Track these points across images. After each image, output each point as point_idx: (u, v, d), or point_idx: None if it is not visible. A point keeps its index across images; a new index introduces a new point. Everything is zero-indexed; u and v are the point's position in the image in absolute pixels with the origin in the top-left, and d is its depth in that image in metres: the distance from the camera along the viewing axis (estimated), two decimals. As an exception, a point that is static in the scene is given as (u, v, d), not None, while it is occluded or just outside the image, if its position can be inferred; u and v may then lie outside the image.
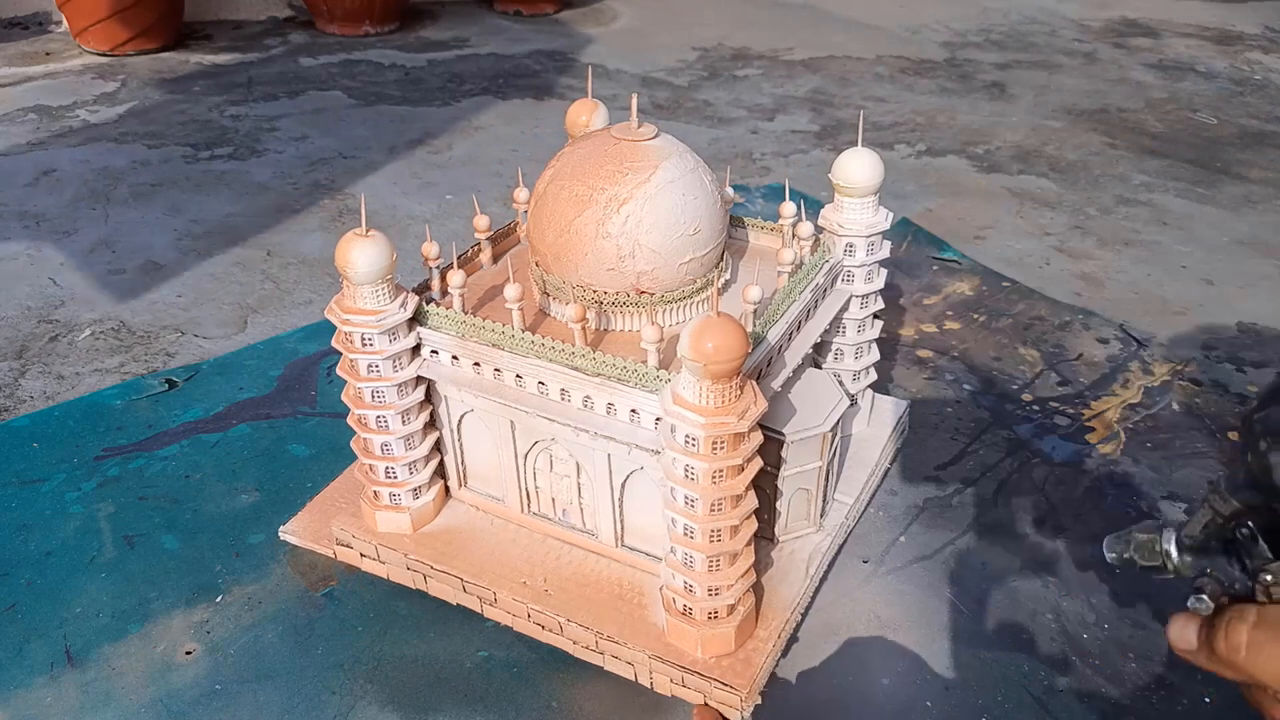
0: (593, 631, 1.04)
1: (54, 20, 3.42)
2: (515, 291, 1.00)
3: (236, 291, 1.84)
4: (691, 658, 1.01)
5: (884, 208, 1.18)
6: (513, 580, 1.09)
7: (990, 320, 1.76)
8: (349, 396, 1.09)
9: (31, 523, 1.27)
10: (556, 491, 1.11)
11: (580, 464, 1.07)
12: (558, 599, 1.07)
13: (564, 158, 1.06)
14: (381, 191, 2.27)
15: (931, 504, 1.32)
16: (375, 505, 1.14)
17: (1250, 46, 3.55)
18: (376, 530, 1.15)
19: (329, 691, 1.04)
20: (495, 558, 1.12)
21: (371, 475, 1.13)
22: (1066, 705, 1.04)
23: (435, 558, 1.12)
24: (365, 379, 1.05)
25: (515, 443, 1.09)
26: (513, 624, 1.09)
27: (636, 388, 0.94)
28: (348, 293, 1.02)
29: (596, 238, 1.00)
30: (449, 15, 3.80)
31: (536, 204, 1.06)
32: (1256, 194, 2.35)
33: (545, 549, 1.13)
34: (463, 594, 1.11)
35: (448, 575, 1.11)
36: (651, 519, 1.06)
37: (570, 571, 1.11)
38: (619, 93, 2.98)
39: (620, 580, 1.10)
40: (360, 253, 0.98)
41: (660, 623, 1.04)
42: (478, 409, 1.09)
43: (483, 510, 1.18)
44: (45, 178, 2.30)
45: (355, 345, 1.04)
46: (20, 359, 1.63)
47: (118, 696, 1.04)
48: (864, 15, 3.86)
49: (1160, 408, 1.53)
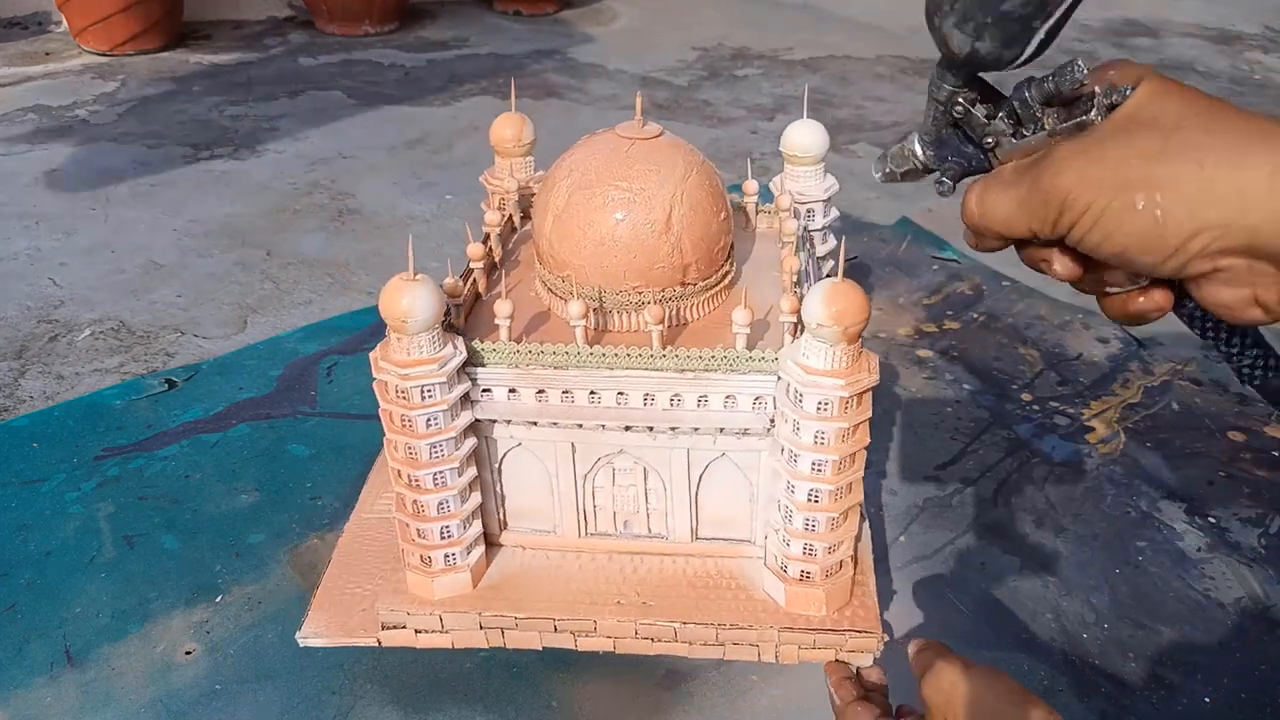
0: (714, 626, 1.02)
1: (54, 20, 3.42)
2: (579, 309, 0.96)
3: (236, 291, 1.84)
4: (817, 619, 1.02)
5: (830, 175, 1.32)
6: (606, 603, 1.04)
7: (990, 320, 1.76)
8: (402, 459, 0.98)
9: (31, 523, 1.27)
10: (619, 505, 1.09)
11: (649, 468, 1.05)
12: (662, 607, 1.04)
13: (575, 164, 1.03)
14: (381, 191, 2.27)
15: (931, 504, 1.32)
16: (429, 572, 1.05)
17: (1250, 46, 3.55)
18: (433, 599, 1.05)
19: (329, 691, 1.04)
20: (572, 588, 1.07)
21: (422, 540, 1.04)
22: (1066, 705, 1.04)
23: (512, 607, 1.04)
24: (425, 435, 0.95)
25: (575, 465, 1.05)
26: (615, 647, 1.05)
27: (737, 373, 0.96)
28: (399, 345, 0.93)
29: (649, 237, 0.99)
30: (449, 15, 3.80)
31: (560, 215, 1.02)
32: (1256, 194, 2.35)
33: (616, 566, 1.09)
34: (553, 635, 1.05)
35: (533, 620, 1.04)
36: (730, 505, 1.06)
37: (655, 579, 1.08)
38: (619, 93, 2.98)
39: (708, 571, 1.09)
40: (416, 299, 0.90)
41: (769, 597, 1.05)
42: (527, 441, 1.04)
43: (531, 548, 1.12)
44: (45, 178, 2.30)
45: (415, 400, 0.94)
46: (20, 359, 1.63)
47: (118, 696, 1.04)
48: (864, 15, 3.86)
49: (1160, 408, 1.53)
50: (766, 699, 1.05)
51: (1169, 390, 1.57)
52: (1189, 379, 1.60)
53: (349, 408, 1.49)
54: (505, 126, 1.26)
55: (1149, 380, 1.60)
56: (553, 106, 2.86)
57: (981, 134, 0.58)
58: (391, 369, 0.93)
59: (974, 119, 0.58)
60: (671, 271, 1.01)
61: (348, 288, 1.85)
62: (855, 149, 2.58)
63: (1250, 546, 1.26)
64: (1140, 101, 0.51)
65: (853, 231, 2.06)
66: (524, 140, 1.27)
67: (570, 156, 1.05)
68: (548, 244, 1.03)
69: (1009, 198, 0.55)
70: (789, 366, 0.92)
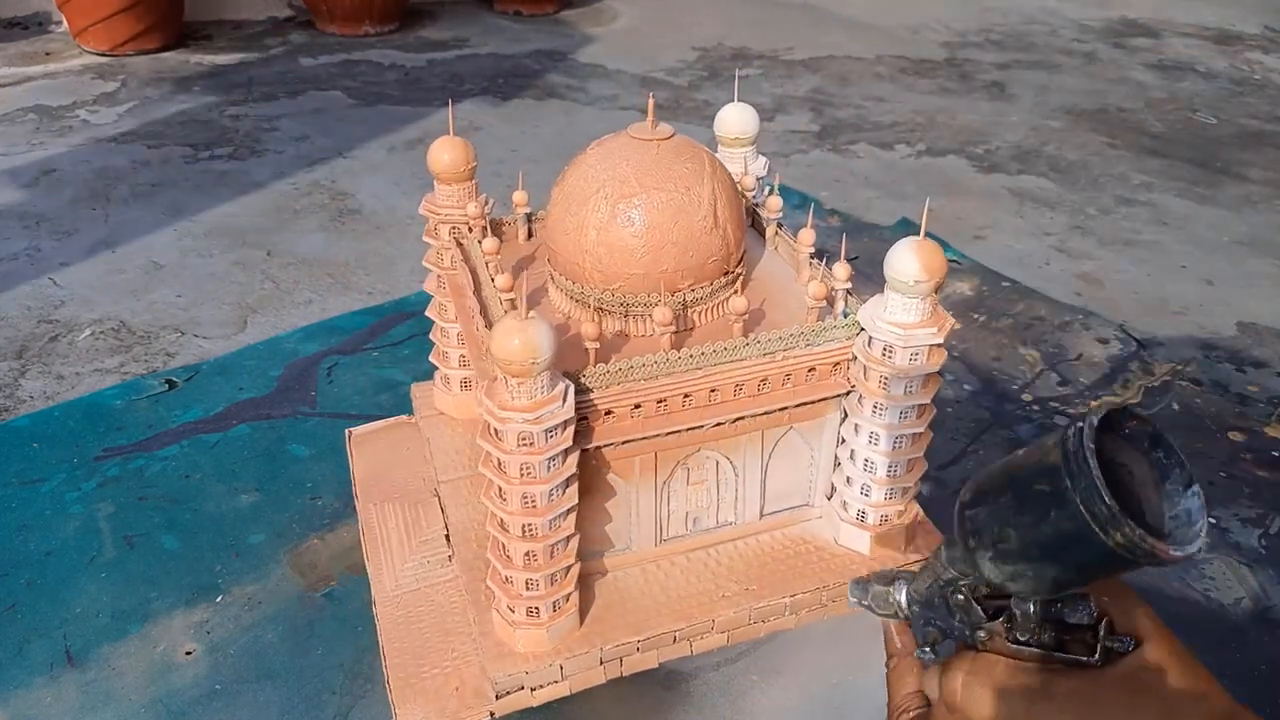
0: (818, 589, 1.05)
1: (54, 20, 3.42)
2: (665, 315, 0.95)
3: (236, 291, 1.84)
4: (897, 559, 1.08)
5: (761, 155, 1.28)
6: (714, 600, 1.04)
7: (990, 320, 1.76)
8: (517, 510, 0.92)
9: (31, 523, 1.27)
10: (691, 504, 1.09)
11: (721, 460, 1.06)
12: (764, 588, 1.06)
13: (602, 174, 1.00)
14: (381, 191, 2.27)
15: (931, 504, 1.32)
16: (538, 623, 0.99)
17: (1250, 46, 3.55)
18: (547, 648, 1.00)
19: (329, 691, 1.04)
20: (674, 596, 1.05)
21: (532, 591, 0.98)
22: (1066, 705, 1.04)
23: (632, 632, 1.01)
24: (547, 480, 0.90)
25: (656, 474, 1.04)
26: (731, 637, 1.05)
27: (818, 345, 1.00)
28: (519, 388, 0.87)
29: (702, 234, 1.00)
30: (449, 15, 3.80)
31: (604, 228, 0.99)
32: (1256, 194, 2.35)
33: (698, 563, 1.09)
34: (673, 646, 1.03)
35: (655, 638, 1.02)
36: (792, 475, 1.11)
37: (741, 564, 1.10)
38: (619, 93, 2.98)
39: (780, 543, 1.12)
40: (538, 338, 0.84)
41: (849, 549, 1.10)
42: (613, 461, 1.01)
43: (611, 570, 1.09)
44: (45, 178, 2.30)
45: (540, 444, 0.88)
46: (20, 359, 1.63)
47: (118, 696, 1.04)
48: (864, 15, 3.86)
49: (1160, 408, 1.53)
50: (766, 699, 1.05)
51: (1169, 390, 1.57)
52: (1189, 379, 1.60)
53: (349, 408, 1.49)
54: (445, 151, 1.16)
55: (1149, 380, 1.60)
56: (553, 107, 2.86)
57: (974, 621, 0.57)
58: (517, 416, 0.86)
59: (972, 611, 0.58)
60: (719, 264, 1.03)
61: (348, 288, 1.85)
62: (855, 149, 2.58)
63: (1250, 546, 1.26)
64: (1142, 663, 0.52)
65: (853, 232, 2.06)
66: (468, 164, 1.17)
67: (593, 167, 1.02)
68: (593, 260, 1.00)
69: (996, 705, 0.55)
70: (879, 325, 0.97)
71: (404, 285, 1.87)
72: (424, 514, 1.16)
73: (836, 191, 2.30)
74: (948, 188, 2.35)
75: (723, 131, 1.24)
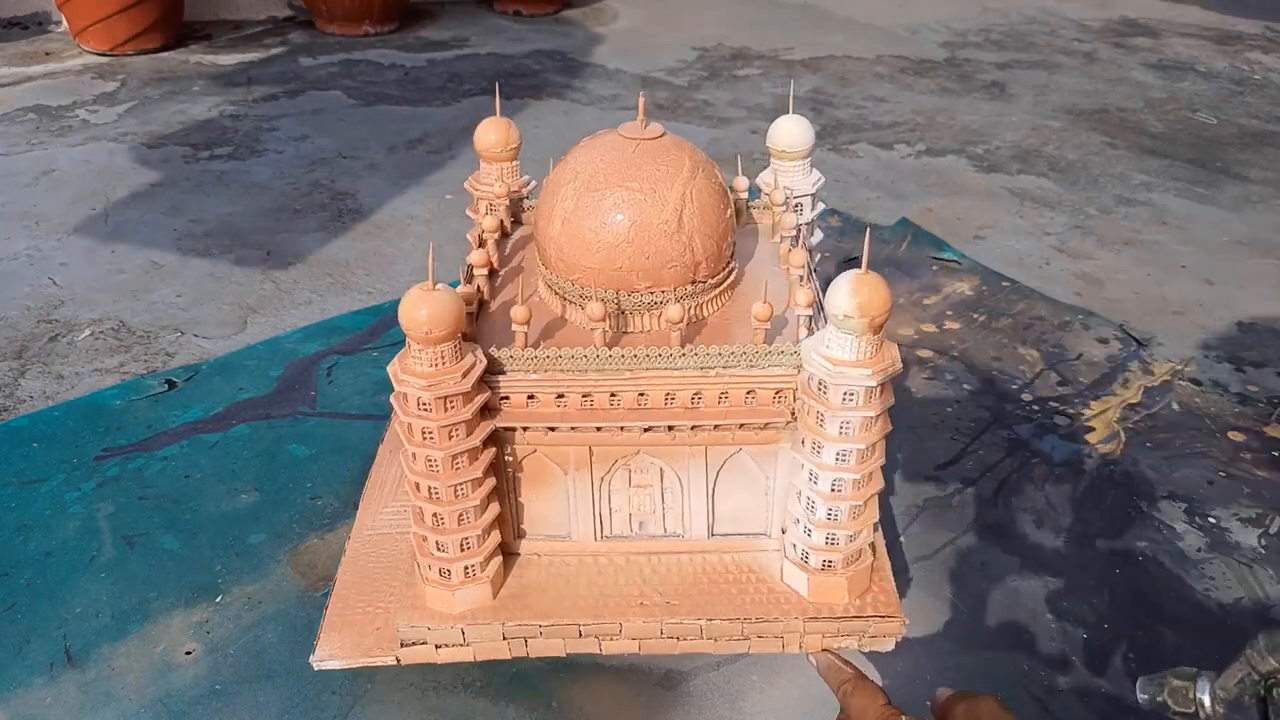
0: (740, 621, 1.02)
1: (54, 20, 3.42)
2: (599, 310, 0.96)
3: (236, 291, 1.84)
4: (840, 607, 1.03)
5: (816, 170, 1.30)
6: (629, 606, 1.04)
7: (990, 320, 1.76)
8: (422, 472, 0.97)
9: (31, 523, 1.27)
10: (635, 506, 1.08)
11: (666, 468, 1.05)
12: (685, 605, 1.04)
13: (580, 166, 1.03)
14: (381, 191, 2.27)
15: (931, 504, 1.32)
16: (448, 585, 1.03)
17: (1250, 46, 3.55)
18: (454, 612, 1.03)
19: (329, 691, 1.04)
20: (594, 592, 1.06)
21: (441, 553, 1.02)
22: (1066, 705, 1.04)
23: (536, 616, 1.03)
24: (447, 447, 0.94)
25: (592, 469, 1.05)
26: (640, 649, 1.04)
27: (759, 368, 0.96)
28: (420, 356, 0.91)
29: (661, 237, 1.00)
30: (449, 15, 3.80)
31: (568, 218, 1.01)
32: (1256, 194, 2.35)
33: (635, 567, 1.09)
34: (578, 640, 1.04)
35: (558, 627, 1.03)
36: (745, 499, 1.07)
37: (675, 578, 1.07)
38: (619, 93, 2.98)
39: (726, 566, 1.09)
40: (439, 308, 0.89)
41: (791, 588, 1.05)
42: (543, 448, 1.04)
43: (547, 554, 1.10)
44: (45, 178, 2.30)
45: (438, 412, 0.93)
46: (20, 359, 1.63)
47: (118, 696, 1.04)
48: (864, 15, 3.86)
49: (1160, 408, 1.53)
50: (766, 699, 1.05)
51: (1169, 390, 1.57)
52: (1189, 379, 1.60)
53: (349, 408, 1.49)
54: (490, 131, 1.23)
55: (1149, 380, 1.60)
56: (553, 106, 2.86)
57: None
58: (413, 380, 0.91)
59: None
60: (683, 270, 1.02)
61: (348, 288, 1.85)
62: (855, 149, 2.58)
63: (1250, 546, 1.26)
64: None
65: (853, 232, 2.07)
66: (510, 144, 1.25)
67: (574, 159, 1.05)
68: (556, 248, 1.03)
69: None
70: (814, 359, 0.93)
71: (404, 285, 1.85)
72: None
73: (836, 191, 2.30)
74: (948, 187, 2.35)
75: (773, 143, 1.24)
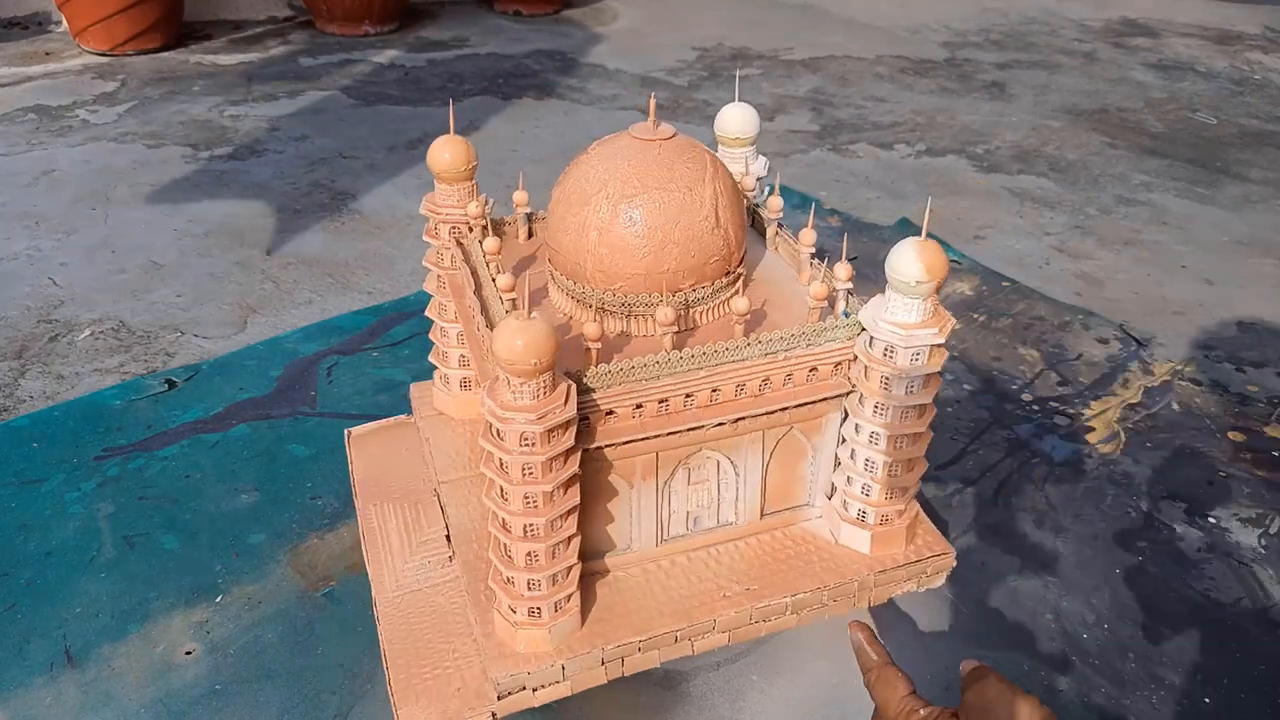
0: (818, 590, 1.06)
1: (54, 20, 3.42)
2: (669, 315, 0.95)
3: (236, 291, 1.84)
4: (900, 556, 1.08)
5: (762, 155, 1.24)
6: (714, 601, 1.04)
7: (990, 320, 1.76)
8: (518, 510, 0.92)
9: (31, 523, 1.27)
10: (692, 504, 1.09)
11: (722, 460, 1.07)
12: (765, 588, 1.07)
13: (604, 174, 1.00)
14: (381, 191, 2.27)
15: (931, 504, 1.32)
16: (539, 623, 0.98)
17: (1250, 46, 3.55)
18: (549, 649, 0.99)
19: (329, 691, 1.04)
20: (676, 597, 1.05)
21: (533, 591, 0.97)
22: (1066, 705, 1.04)
23: (634, 632, 1.00)
24: (548, 480, 0.90)
25: (657, 475, 1.04)
26: (732, 637, 1.05)
27: (819, 344, 1.00)
28: (522, 388, 0.86)
29: (704, 234, 1.01)
30: (449, 15, 3.80)
31: (606, 229, 0.99)
32: (1256, 194, 2.35)
33: (699, 563, 1.09)
34: (674, 646, 1.03)
35: (655, 639, 1.02)
36: (791, 475, 1.11)
37: (742, 564, 1.10)
38: (619, 93, 2.98)
39: (780, 543, 1.12)
40: (541, 339, 0.84)
41: (849, 549, 1.10)
42: (618, 462, 1.01)
43: (612, 570, 1.09)
44: (45, 178, 2.30)
45: (541, 446, 0.88)
46: (20, 359, 1.63)
47: (118, 696, 1.04)
48: (864, 15, 3.86)
49: (1160, 408, 1.53)
50: (766, 699, 1.05)
51: (1169, 390, 1.57)
52: (1189, 379, 1.60)
53: (349, 408, 1.49)
54: (445, 150, 1.13)
55: (1149, 380, 1.60)
56: (553, 106, 2.86)
57: None
58: (520, 416, 0.85)
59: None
60: (721, 263, 1.04)
61: (348, 288, 1.85)
62: (855, 149, 2.58)
63: (1250, 546, 1.26)
64: None
65: (853, 232, 2.07)
66: (469, 164, 1.15)
67: (595, 167, 1.02)
68: (595, 260, 1.00)
69: None
70: (881, 326, 0.97)
71: (404, 285, 1.86)
72: (424, 514, 1.16)
73: (836, 191, 2.30)
74: (948, 187, 2.35)
75: (723, 131, 1.24)
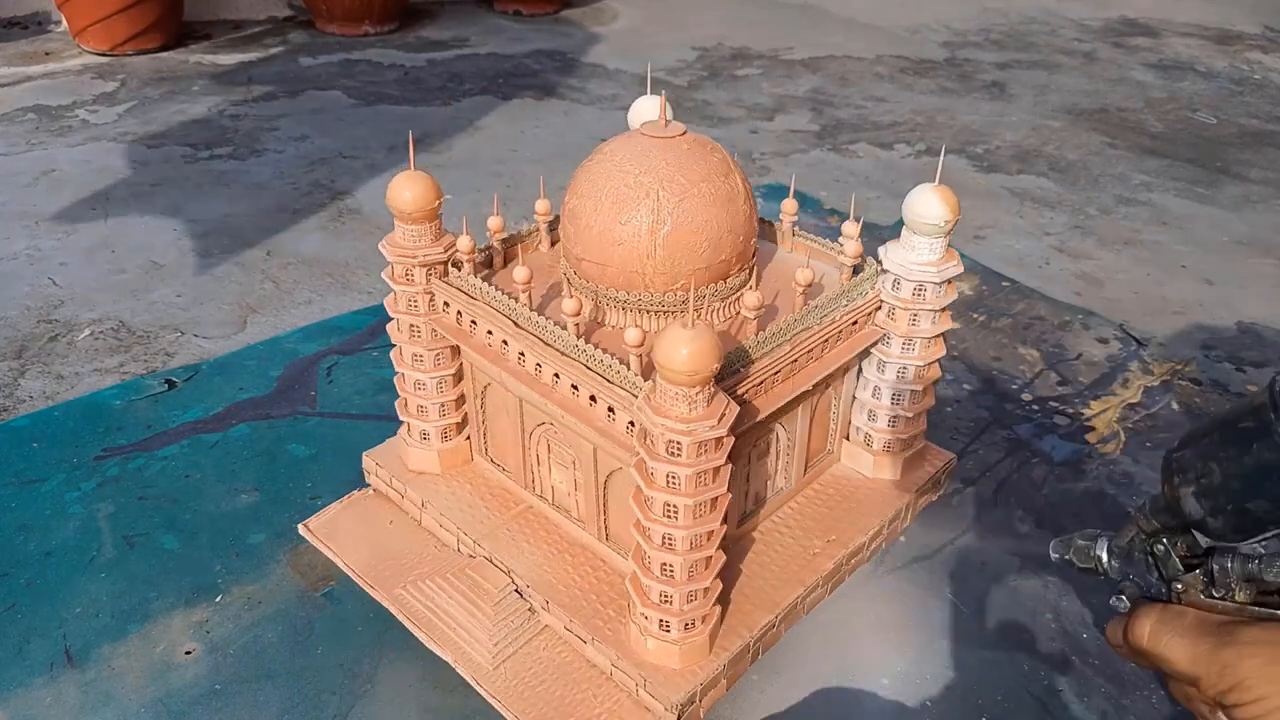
0: (882, 522, 1.17)
1: (54, 20, 3.42)
2: (754, 299, 0.97)
3: (236, 291, 1.84)
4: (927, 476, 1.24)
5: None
6: (811, 564, 1.11)
7: (990, 320, 1.76)
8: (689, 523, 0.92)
9: (31, 523, 1.27)
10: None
11: (780, 431, 1.11)
12: (842, 537, 1.15)
13: (646, 176, 0.98)
14: (381, 191, 2.26)
15: (931, 504, 1.32)
16: (694, 635, 0.99)
17: (1250, 46, 3.55)
18: (708, 655, 1.00)
19: (329, 691, 1.04)
20: (774, 569, 1.10)
21: (691, 603, 0.98)
22: (1066, 705, 1.04)
23: (763, 614, 1.05)
24: (714, 486, 0.91)
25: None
26: (832, 588, 1.14)
27: (860, 300, 1.09)
28: (687, 397, 0.86)
29: (745, 222, 1.04)
30: (449, 15, 3.80)
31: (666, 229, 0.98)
32: (1256, 194, 2.35)
33: (771, 534, 1.15)
34: (796, 614, 1.10)
35: (784, 613, 1.07)
36: (823, 428, 1.20)
37: (806, 522, 1.16)
38: (619, 93, 2.98)
39: (826, 492, 1.21)
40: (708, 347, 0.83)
41: (882, 479, 1.23)
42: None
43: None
44: (45, 178, 2.30)
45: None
46: (20, 359, 1.63)
47: (118, 696, 1.04)
48: (864, 15, 3.86)
49: (1160, 408, 1.53)
50: (766, 699, 1.05)
51: (1169, 390, 1.57)
52: (1189, 379, 1.60)
53: (349, 407, 1.49)
54: (406, 187, 1.04)
55: (1149, 380, 1.60)
56: (553, 106, 2.86)
57: (1171, 575, 0.63)
58: (669, 424, 0.85)
59: (1170, 562, 0.63)
60: (751, 245, 1.08)
61: (348, 288, 1.85)
62: (855, 149, 2.58)
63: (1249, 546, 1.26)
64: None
65: (853, 231, 2.07)
66: (432, 202, 1.06)
67: (626, 173, 0.99)
68: (654, 264, 0.98)
69: (1185, 646, 0.59)
70: (912, 269, 1.07)
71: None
72: (476, 577, 1.11)
73: (836, 191, 2.30)
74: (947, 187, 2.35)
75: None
